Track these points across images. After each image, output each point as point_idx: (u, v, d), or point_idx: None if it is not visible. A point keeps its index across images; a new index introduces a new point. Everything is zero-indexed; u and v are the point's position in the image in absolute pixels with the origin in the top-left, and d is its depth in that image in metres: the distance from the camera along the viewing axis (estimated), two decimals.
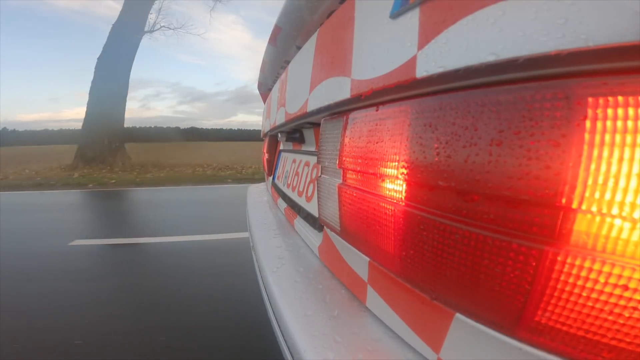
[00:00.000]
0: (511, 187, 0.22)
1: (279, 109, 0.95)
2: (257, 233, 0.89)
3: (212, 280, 1.87)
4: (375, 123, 0.38)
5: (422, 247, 0.30)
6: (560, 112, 0.20)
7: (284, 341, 0.46)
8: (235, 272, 1.97)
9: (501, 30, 0.22)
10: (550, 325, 0.22)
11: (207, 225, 3.06)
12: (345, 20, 0.46)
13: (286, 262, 0.64)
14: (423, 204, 0.30)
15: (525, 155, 0.21)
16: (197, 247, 2.47)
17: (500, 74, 0.23)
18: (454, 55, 0.25)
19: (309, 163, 0.87)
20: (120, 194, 5.30)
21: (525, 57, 0.20)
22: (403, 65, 0.31)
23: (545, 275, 0.21)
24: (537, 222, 0.21)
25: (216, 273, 1.98)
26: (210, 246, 2.50)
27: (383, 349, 0.36)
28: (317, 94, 0.55)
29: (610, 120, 0.18)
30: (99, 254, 2.39)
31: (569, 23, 0.18)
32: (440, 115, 0.28)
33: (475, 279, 0.25)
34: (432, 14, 0.28)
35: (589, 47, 0.18)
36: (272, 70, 1.16)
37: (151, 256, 2.37)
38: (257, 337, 1.33)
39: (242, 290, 1.74)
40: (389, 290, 0.39)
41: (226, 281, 1.86)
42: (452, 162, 0.26)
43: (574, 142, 0.19)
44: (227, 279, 1.89)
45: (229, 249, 2.41)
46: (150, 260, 2.27)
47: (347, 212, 0.45)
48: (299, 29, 0.79)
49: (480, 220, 0.24)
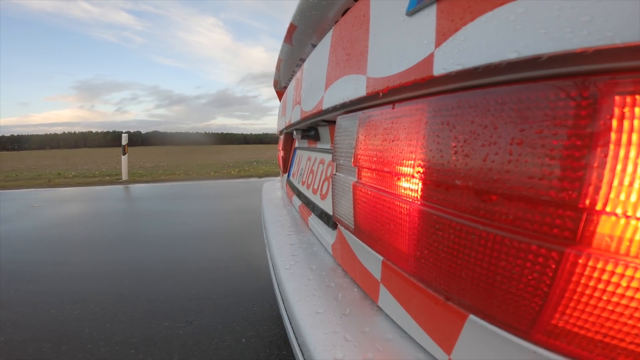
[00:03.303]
0: (532, 188, 0.22)
1: (294, 107, 0.95)
2: (272, 230, 0.89)
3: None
4: (392, 121, 0.38)
5: (437, 247, 0.30)
6: (586, 110, 0.19)
7: (294, 338, 0.46)
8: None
9: (523, 28, 0.21)
10: (567, 328, 0.21)
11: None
12: (360, 17, 0.45)
13: (299, 260, 0.65)
14: (439, 203, 0.30)
15: (547, 154, 0.21)
16: None
17: (522, 71, 0.23)
18: (473, 52, 0.25)
19: (324, 161, 0.87)
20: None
21: (548, 54, 0.20)
22: (420, 62, 0.31)
23: (565, 277, 0.20)
24: (558, 224, 0.21)
25: None
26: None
27: (394, 349, 0.36)
28: (332, 92, 0.55)
29: (637, 119, 0.18)
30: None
31: (595, 20, 0.18)
32: (459, 114, 0.28)
33: (492, 280, 0.25)
34: (450, 11, 0.27)
35: (616, 44, 0.17)
36: (288, 68, 1.17)
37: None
38: None
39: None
40: (401, 289, 0.38)
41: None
42: (470, 161, 0.26)
43: (600, 142, 0.19)
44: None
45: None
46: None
47: (361, 210, 0.45)
48: (314, 26, 0.80)
49: (499, 220, 0.24)
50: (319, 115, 0.67)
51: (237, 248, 2.23)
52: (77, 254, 2.17)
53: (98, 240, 2.49)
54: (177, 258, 2.05)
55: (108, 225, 2.94)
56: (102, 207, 3.74)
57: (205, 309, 1.42)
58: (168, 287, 1.64)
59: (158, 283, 1.70)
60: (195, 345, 1.17)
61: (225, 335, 1.24)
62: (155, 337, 1.23)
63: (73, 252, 2.21)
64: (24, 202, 4.14)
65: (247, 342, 1.19)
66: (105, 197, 4.45)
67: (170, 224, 2.92)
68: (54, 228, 2.83)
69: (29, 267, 1.94)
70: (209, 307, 1.44)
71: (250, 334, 1.24)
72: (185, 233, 2.61)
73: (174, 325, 1.30)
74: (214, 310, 1.41)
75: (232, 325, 1.29)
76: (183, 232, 2.63)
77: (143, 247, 2.30)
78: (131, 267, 1.92)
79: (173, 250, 2.20)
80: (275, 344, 1.17)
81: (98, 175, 7.37)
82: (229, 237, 2.51)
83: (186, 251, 2.19)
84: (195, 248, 2.25)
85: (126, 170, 6.45)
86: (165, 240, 2.43)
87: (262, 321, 1.32)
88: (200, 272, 1.83)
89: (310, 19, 0.77)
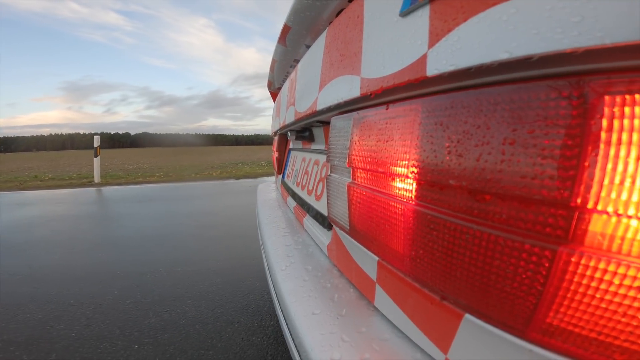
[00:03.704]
0: (524, 187, 0.22)
1: (288, 108, 0.95)
2: (267, 231, 0.89)
3: None
4: (386, 121, 0.38)
5: (432, 246, 0.30)
6: (576, 110, 0.19)
7: (291, 339, 0.46)
8: None
9: (515, 28, 0.21)
10: (562, 327, 0.21)
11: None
12: (354, 18, 0.46)
13: (295, 261, 0.65)
14: (433, 203, 0.30)
15: (539, 154, 0.21)
16: None
17: (513, 72, 0.23)
18: (465, 53, 0.25)
19: (319, 162, 0.87)
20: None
21: (539, 54, 0.20)
22: (413, 63, 0.31)
23: (558, 276, 0.21)
24: (550, 223, 0.21)
25: None
26: None
27: (390, 349, 0.36)
28: (326, 93, 0.55)
29: (628, 118, 0.18)
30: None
31: (585, 21, 0.18)
32: (452, 114, 0.28)
33: (486, 279, 0.25)
34: (443, 12, 0.27)
35: (606, 44, 0.17)
36: (282, 69, 1.16)
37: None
38: None
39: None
40: (397, 289, 0.38)
41: None
42: (463, 161, 0.26)
43: (590, 141, 0.19)
44: None
45: None
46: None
47: (356, 210, 0.45)
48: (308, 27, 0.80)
49: (492, 220, 0.24)
50: (313, 116, 0.67)
51: (171, 253, 2.17)
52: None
53: (16, 244, 2.40)
54: (94, 263, 2.01)
55: (45, 229, 2.84)
56: (53, 211, 3.64)
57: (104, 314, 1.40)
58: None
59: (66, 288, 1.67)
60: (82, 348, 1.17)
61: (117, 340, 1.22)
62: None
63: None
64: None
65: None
66: (67, 201, 4.36)
67: (116, 227, 2.87)
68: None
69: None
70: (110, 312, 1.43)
71: (147, 340, 1.23)
72: (123, 236, 2.57)
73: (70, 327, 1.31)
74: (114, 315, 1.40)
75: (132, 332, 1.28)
76: (121, 236, 2.59)
77: (68, 251, 2.24)
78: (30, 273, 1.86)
79: (96, 255, 2.15)
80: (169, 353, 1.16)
81: (75, 177, 7.27)
82: (172, 241, 2.45)
83: (112, 257, 2.12)
84: (122, 253, 2.19)
85: (98, 172, 6.37)
86: (94, 245, 2.38)
87: (163, 329, 1.29)
88: (110, 279, 1.78)
89: (304, 20, 0.77)
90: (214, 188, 5.40)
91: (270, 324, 1.32)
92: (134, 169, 9.98)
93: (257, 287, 1.65)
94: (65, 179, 7.12)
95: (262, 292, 1.59)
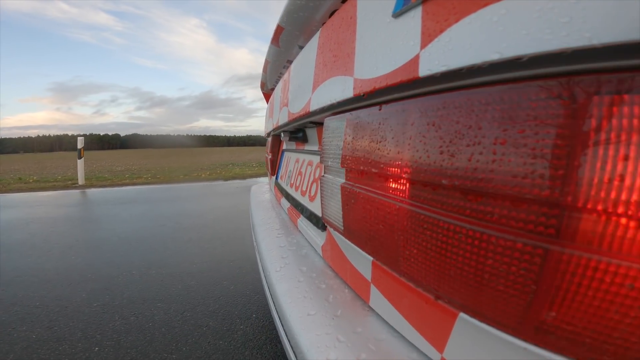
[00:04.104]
0: (516, 186, 0.22)
1: (281, 109, 0.95)
2: (261, 232, 0.89)
3: None
4: (379, 122, 0.38)
5: (426, 246, 0.30)
6: (566, 110, 0.20)
7: (287, 340, 0.46)
8: None
9: (505, 29, 0.22)
10: (555, 324, 0.22)
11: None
12: (347, 19, 0.46)
13: (289, 262, 0.65)
14: (427, 203, 0.30)
15: (530, 154, 0.21)
16: None
17: (504, 72, 0.23)
18: (457, 54, 0.25)
19: (312, 162, 0.87)
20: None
21: (529, 55, 0.20)
22: (406, 64, 0.31)
23: (550, 274, 0.21)
24: (542, 221, 0.21)
25: None
26: None
27: (386, 349, 0.36)
28: (320, 94, 0.55)
29: (616, 118, 0.18)
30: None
31: (573, 22, 0.18)
32: (444, 114, 0.28)
33: (480, 278, 0.25)
34: (435, 13, 0.28)
35: (594, 45, 0.18)
36: (275, 70, 1.16)
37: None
38: None
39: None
40: (392, 289, 0.39)
41: None
42: (455, 161, 0.26)
43: (579, 141, 0.19)
44: None
45: None
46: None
47: (350, 211, 0.45)
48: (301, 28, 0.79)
49: (485, 219, 0.24)
50: (307, 117, 0.67)
51: (147, 256, 2.14)
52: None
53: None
54: (67, 266, 1.98)
55: (21, 232, 2.77)
56: (33, 214, 3.55)
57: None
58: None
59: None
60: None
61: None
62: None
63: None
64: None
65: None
66: (48, 203, 4.27)
67: (94, 230, 2.82)
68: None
69: None
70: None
71: (109, 343, 1.22)
72: (100, 239, 2.53)
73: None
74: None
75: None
76: (98, 238, 2.55)
77: (42, 254, 2.20)
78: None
79: (69, 258, 2.12)
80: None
81: (60, 180, 7.12)
82: (149, 243, 2.42)
83: (85, 259, 2.09)
84: (96, 256, 2.15)
85: (83, 174, 6.28)
86: (68, 248, 2.33)
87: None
88: (80, 282, 1.75)
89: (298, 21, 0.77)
90: (201, 189, 5.35)
91: (240, 327, 1.30)
92: (122, 171, 9.85)
93: (230, 291, 1.63)
94: (50, 181, 7.00)
95: (236, 296, 1.58)
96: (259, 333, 1.26)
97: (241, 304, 1.50)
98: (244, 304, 1.50)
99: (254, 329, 1.29)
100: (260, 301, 1.52)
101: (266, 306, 1.43)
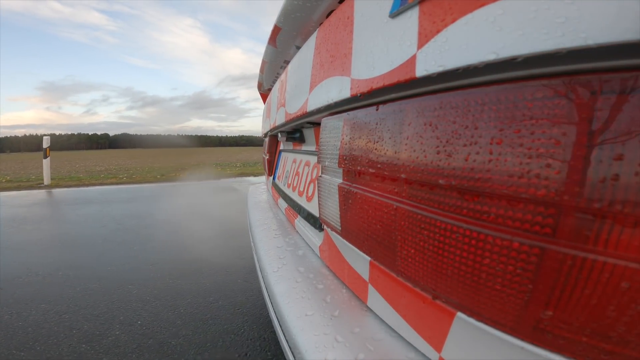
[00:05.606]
0: (512, 186, 0.22)
1: (279, 109, 0.95)
2: (258, 233, 0.89)
3: None
4: (376, 122, 0.38)
5: (423, 246, 0.30)
6: (561, 110, 0.20)
7: (285, 341, 0.46)
8: None
9: (501, 29, 0.22)
10: (552, 323, 0.22)
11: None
12: (344, 19, 0.46)
13: (287, 262, 0.64)
14: (424, 203, 0.30)
15: (526, 153, 0.21)
16: None
17: (500, 72, 0.23)
18: (453, 54, 0.25)
19: (310, 163, 0.87)
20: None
21: (525, 55, 0.21)
22: (403, 64, 0.31)
23: (547, 273, 0.21)
24: (538, 221, 0.21)
25: None
26: None
27: (384, 349, 0.36)
28: (317, 94, 0.55)
29: (611, 118, 0.18)
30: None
31: (569, 22, 0.18)
32: (441, 114, 0.28)
33: (477, 277, 0.25)
34: (432, 13, 0.28)
35: (589, 45, 0.18)
36: (272, 70, 1.16)
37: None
38: None
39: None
40: (390, 289, 0.39)
41: None
42: (452, 161, 0.26)
43: (575, 140, 0.19)
44: None
45: None
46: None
47: (347, 211, 0.45)
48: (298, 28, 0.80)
49: (481, 219, 0.24)
50: (304, 117, 0.67)
51: (67, 257, 2.07)
52: None
53: None
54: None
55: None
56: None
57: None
58: None
59: None
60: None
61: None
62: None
63: None
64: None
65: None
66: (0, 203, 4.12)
67: (30, 231, 2.73)
68: None
69: None
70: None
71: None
72: (30, 240, 2.45)
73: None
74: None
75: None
76: (28, 239, 2.47)
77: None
78: None
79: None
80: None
81: (34, 180, 6.94)
82: (79, 244, 2.34)
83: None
84: (13, 257, 2.07)
85: (48, 174, 6.20)
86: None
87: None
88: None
89: (295, 21, 0.77)
90: (169, 190, 5.23)
91: (114, 334, 1.25)
92: (100, 171, 9.64)
93: (131, 295, 1.55)
94: (23, 180, 6.85)
95: (131, 301, 1.51)
96: (130, 340, 1.22)
97: (132, 309, 1.43)
98: (134, 309, 1.43)
99: (129, 336, 1.25)
100: (153, 306, 1.44)
101: (160, 313, 1.39)
